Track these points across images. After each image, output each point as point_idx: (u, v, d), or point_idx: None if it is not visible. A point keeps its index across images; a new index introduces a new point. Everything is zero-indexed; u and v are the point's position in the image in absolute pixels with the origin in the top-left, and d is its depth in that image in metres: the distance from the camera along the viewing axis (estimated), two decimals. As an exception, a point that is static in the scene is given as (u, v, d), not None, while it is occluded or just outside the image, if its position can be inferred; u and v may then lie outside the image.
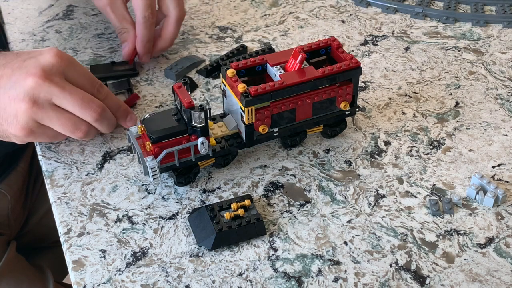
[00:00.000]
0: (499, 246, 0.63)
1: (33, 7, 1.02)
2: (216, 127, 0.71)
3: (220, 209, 0.65)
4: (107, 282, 0.61)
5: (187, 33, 0.95)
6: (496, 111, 0.80)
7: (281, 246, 0.64)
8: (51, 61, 0.67)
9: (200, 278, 0.61)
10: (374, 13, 1.00)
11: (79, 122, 0.69)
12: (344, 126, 0.75)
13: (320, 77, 0.68)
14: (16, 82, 0.65)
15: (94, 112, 0.68)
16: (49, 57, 0.67)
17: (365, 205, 0.68)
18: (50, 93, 0.66)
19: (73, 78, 0.69)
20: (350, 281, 0.60)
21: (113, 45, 0.93)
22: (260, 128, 0.69)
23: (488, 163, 0.73)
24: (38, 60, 0.66)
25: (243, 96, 0.66)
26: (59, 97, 0.66)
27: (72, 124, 0.68)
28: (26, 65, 0.66)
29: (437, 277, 0.61)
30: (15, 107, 0.65)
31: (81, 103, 0.67)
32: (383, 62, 0.89)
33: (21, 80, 0.65)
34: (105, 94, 0.72)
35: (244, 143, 0.70)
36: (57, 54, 0.67)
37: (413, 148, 0.75)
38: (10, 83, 0.65)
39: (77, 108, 0.67)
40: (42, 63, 0.66)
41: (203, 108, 0.65)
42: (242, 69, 0.70)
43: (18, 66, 0.66)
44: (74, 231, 0.66)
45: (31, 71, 0.65)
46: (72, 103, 0.67)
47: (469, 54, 0.90)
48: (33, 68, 0.65)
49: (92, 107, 0.68)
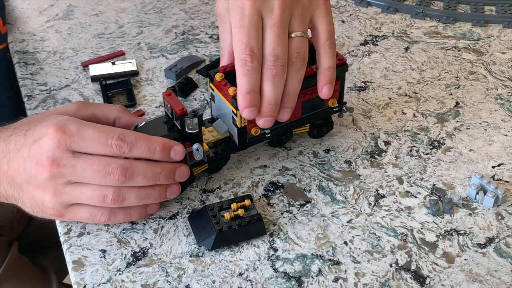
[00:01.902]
0: (499, 246, 0.63)
1: (33, 7, 1.02)
2: (207, 132, 0.70)
3: (220, 209, 0.65)
4: (107, 282, 0.61)
5: (187, 33, 0.95)
6: (496, 111, 0.80)
7: (281, 246, 0.64)
8: (52, 146, 0.60)
9: (200, 278, 0.61)
10: (374, 13, 1.00)
11: (104, 189, 0.62)
12: (331, 127, 0.75)
13: (310, 76, 0.68)
14: (30, 174, 0.62)
15: (115, 176, 0.61)
16: (49, 141, 0.61)
17: (365, 205, 0.68)
18: (65, 177, 0.61)
19: (83, 147, 0.61)
20: (350, 281, 0.60)
21: (113, 45, 0.93)
22: (253, 130, 0.68)
23: (488, 163, 0.73)
24: (40, 147, 0.61)
25: (235, 99, 0.65)
26: (74, 176, 0.61)
27: (98, 194, 0.62)
28: (33, 154, 0.62)
29: (437, 277, 0.61)
30: (41, 195, 0.63)
31: (98, 173, 0.61)
32: (383, 62, 0.89)
33: (34, 171, 0.62)
34: (128, 146, 0.61)
35: (237, 146, 0.69)
36: (56, 132, 0.60)
37: (413, 148, 0.75)
38: (26, 175, 0.62)
39: (96, 179, 0.61)
40: (44, 150, 0.61)
41: (197, 114, 0.65)
42: (229, 72, 0.68)
43: (27, 155, 0.62)
44: (74, 231, 0.66)
45: (38, 162, 0.61)
46: (90, 176, 0.61)
47: (469, 54, 0.90)
48: (39, 158, 0.61)
49: (112, 171, 0.61)
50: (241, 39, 0.62)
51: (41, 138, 0.61)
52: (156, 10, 1.01)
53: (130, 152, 0.61)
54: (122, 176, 0.61)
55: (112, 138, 0.61)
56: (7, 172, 0.63)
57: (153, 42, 0.94)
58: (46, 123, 0.62)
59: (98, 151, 0.61)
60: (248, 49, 0.61)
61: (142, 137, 0.62)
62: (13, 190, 0.64)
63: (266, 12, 0.62)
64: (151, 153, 0.62)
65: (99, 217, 0.64)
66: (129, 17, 1.00)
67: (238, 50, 0.62)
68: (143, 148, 0.62)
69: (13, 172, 0.63)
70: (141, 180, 0.62)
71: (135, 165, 0.61)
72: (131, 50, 0.92)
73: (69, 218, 0.64)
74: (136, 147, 0.61)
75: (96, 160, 0.61)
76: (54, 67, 0.89)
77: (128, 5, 1.03)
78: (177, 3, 1.03)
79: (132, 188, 0.63)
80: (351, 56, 0.90)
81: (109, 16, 1.00)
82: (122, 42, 0.94)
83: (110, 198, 0.62)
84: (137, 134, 0.63)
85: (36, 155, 0.61)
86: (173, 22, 0.98)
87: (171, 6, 1.02)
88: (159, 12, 1.01)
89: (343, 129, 0.78)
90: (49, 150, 0.60)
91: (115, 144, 0.61)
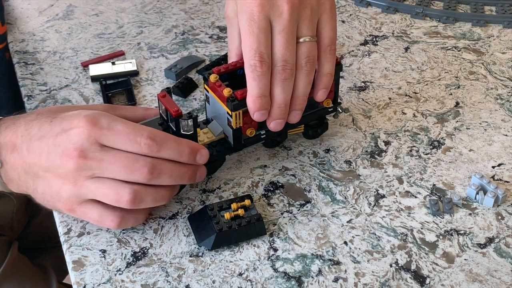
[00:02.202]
0: (499, 246, 0.63)
1: (33, 7, 1.02)
2: (202, 134, 0.69)
3: (220, 209, 0.65)
4: (107, 282, 0.61)
5: (187, 33, 0.95)
6: (496, 111, 0.80)
7: (281, 246, 0.64)
8: (81, 137, 0.60)
9: (200, 278, 0.61)
10: (374, 13, 1.00)
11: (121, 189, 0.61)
12: (326, 127, 0.76)
13: None
14: (53, 163, 0.61)
15: (142, 172, 0.60)
16: (79, 132, 0.60)
17: (365, 205, 0.68)
18: (90, 170, 0.61)
19: (111, 142, 0.61)
20: (350, 281, 0.60)
21: (113, 45, 0.93)
22: (248, 131, 0.68)
23: (488, 163, 0.73)
24: (69, 137, 0.60)
25: (230, 100, 0.65)
26: (99, 169, 0.61)
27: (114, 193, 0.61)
28: (59, 142, 0.61)
29: (437, 277, 0.61)
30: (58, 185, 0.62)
31: (124, 168, 0.60)
32: (383, 62, 0.89)
33: (58, 161, 0.61)
34: (158, 146, 0.61)
35: (232, 147, 0.69)
36: (88, 124, 0.60)
37: (413, 148, 0.75)
38: (48, 163, 0.61)
39: (122, 174, 0.60)
40: (73, 141, 0.60)
41: (191, 116, 0.65)
42: (224, 74, 0.69)
43: (52, 143, 0.61)
44: (74, 231, 0.66)
45: (64, 152, 0.60)
46: (116, 170, 0.60)
47: (469, 54, 0.90)
48: (66, 148, 0.60)
49: (139, 168, 0.60)
50: (250, 45, 0.63)
51: (71, 128, 0.60)
52: (156, 10, 1.01)
53: (158, 152, 0.61)
54: (149, 174, 0.60)
55: (142, 136, 0.60)
56: (25, 158, 0.62)
57: (153, 42, 0.94)
58: (77, 114, 0.62)
59: (126, 148, 0.60)
60: (257, 55, 0.62)
61: (171, 138, 0.62)
62: (27, 176, 0.63)
63: (274, 17, 0.63)
64: (179, 155, 0.62)
65: (108, 221, 0.63)
66: (129, 17, 1.00)
67: (247, 56, 0.63)
68: (172, 150, 0.62)
69: (32, 158, 0.62)
70: (167, 179, 0.62)
71: (163, 164, 0.61)
72: (131, 50, 0.92)
73: (78, 215, 0.63)
74: (165, 148, 0.61)
75: (124, 155, 0.60)
76: (54, 67, 0.89)
77: (128, 5, 1.03)
78: (177, 3, 1.03)
79: (149, 190, 0.62)
80: (351, 56, 0.90)
81: (109, 16, 1.00)
82: (122, 42, 0.94)
83: (125, 199, 0.61)
84: (166, 134, 0.62)
85: (63, 144, 0.60)
86: (173, 22, 0.98)
87: (171, 6, 1.02)
88: (159, 12, 1.01)
89: (343, 129, 0.78)
90: (78, 141, 0.60)
91: (145, 142, 0.60)
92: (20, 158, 0.62)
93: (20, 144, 0.62)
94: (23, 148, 0.62)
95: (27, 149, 0.62)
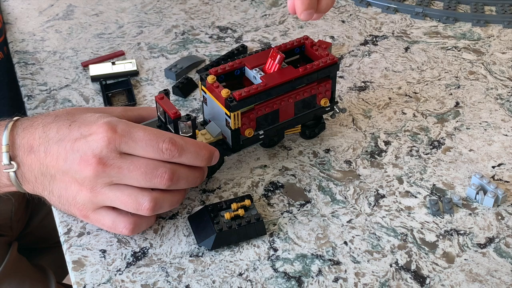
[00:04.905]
0: (499, 246, 0.63)
1: (33, 7, 1.02)
2: (200, 135, 0.69)
3: (220, 209, 0.65)
4: (107, 282, 0.61)
5: (187, 33, 0.95)
6: (496, 111, 0.80)
7: (281, 246, 0.64)
8: (101, 144, 0.59)
9: (200, 278, 0.61)
10: (374, 13, 1.00)
11: (140, 197, 0.61)
12: (323, 127, 0.76)
13: (302, 76, 0.68)
14: (70, 167, 0.61)
15: (162, 179, 0.60)
16: (99, 139, 0.60)
17: (365, 205, 0.68)
18: (108, 177, 0.60)
19: (132, 149, 0.60)
20: (350, 281, 0.60)
21: (113, 45, 0.93)
22: (246, 132, 0.68)
23: (488, 163, 0.73)
24: (88, 143, 0.60)
25: (228, 101, 0.65)
26: (118, 177, 0.60)
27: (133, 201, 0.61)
28: (78, 148, 0.60)
29: (437, 277, 0.61)
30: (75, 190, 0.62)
31: (144, 175, 0.60)
32: (383, 62, 0.89)
33: (76, 166, 0.60)
34: (178, 151, 0.61)
35: (231, 148, 0.69)
36: (108, 131, 0.60)
37: (413, 148, 0.75)
38: (66, 166, 0.61)
39: (141, 181, 0.60)
40: (92, 147, 0.60)
41: (190, 117, 0.65)
42: (221, 74, 0.69)
43: (70, 148, 0.61)
44: (74, 231, 0.66)
45: (83, 158, 0.60)
46: (135, 178, 0.60)
47: (469, 54, 0.90)
48: (84, 154, 0.60)
49: (160, 175, 0.60)
50: None
51: (90, 134, 0.60)
52: (156, 10, 1.01)
53: (179, 158, 0.61)
54: (169, 180, 0.61)
55: (163, 142, 0.60)
56: (43, 160, 0.62)
57: (153, 42, 0.94)
58: (96, 120, 0.61)
59: (148, 154, 0.60)
60: None
61: (190, 142, 0.62)
62: (43, 178, 0.63)
63: None
64: (199, 160, 0.63)
65: (121, 227, 0.63)
66: (129, 17, 1.00)
67: None
68: (192, 154, 0.62)
69: (50, 161, 0.62)
70: (183, 184, 0.63)
71: (180, 169, 0.62)
72: (131, 50, 0.92)
73: (92, 222, 0.64)
74: (185, 152, 0.61)
75: (143, 162, 0.60)
76: (54, 67, 0.89)
77: (128, 5, 1.03)
78: (177, 3, 1.03)
79: (167, 195, 0.63)
80: (351, 56, 0.90)
81: (109, 16, 1.00)
82: (122, 42, 0.94)
83: (145, 207, 0.61)
84: (185, 138, 0.62)
85: (82, 150, 0.60)
86: (173, 22, 0.98)
87: (171, 6, 1.02)
88: (159, 12, 1.01)
89: (343, 129, 0.78)
90: (97, 148, 0.60)
91: (166, 148, 0.60)
92: (37, 159, 0.62)
93: (38, 146, 0.62)
94: (40, 150, 0.62)
95: (45, 151, 0.62)
